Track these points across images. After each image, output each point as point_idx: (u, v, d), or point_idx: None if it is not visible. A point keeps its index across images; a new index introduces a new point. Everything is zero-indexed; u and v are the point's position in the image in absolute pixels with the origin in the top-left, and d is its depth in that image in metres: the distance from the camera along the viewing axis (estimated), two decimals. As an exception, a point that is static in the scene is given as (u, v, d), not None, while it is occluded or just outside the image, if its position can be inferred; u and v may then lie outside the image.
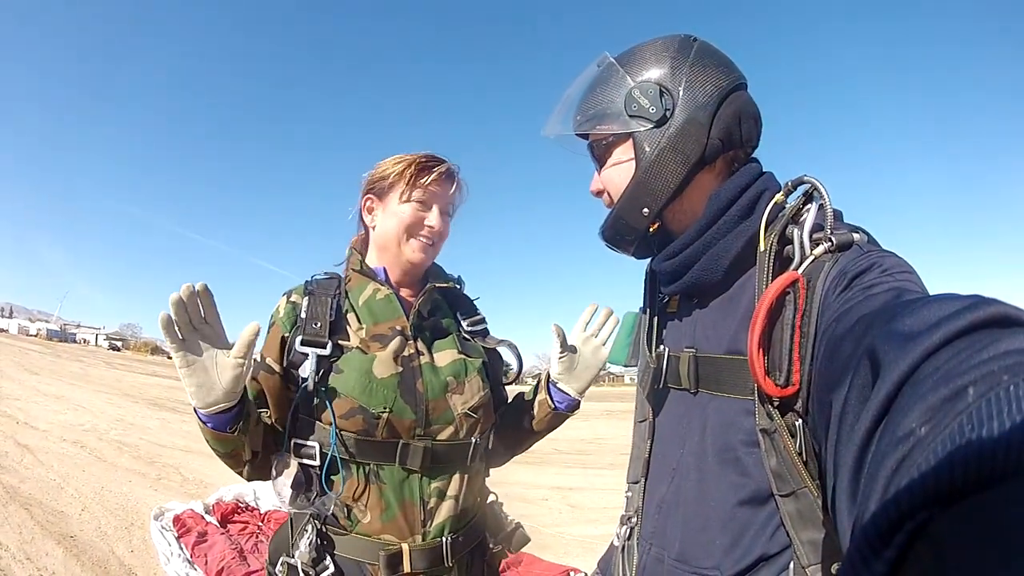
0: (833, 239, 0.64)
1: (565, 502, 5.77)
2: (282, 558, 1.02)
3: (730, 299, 0.76)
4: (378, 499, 1.01)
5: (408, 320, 1.10)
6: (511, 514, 1.23)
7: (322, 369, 1.02)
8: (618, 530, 0.88)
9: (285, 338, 1.06)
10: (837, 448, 0.38)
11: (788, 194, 0.73)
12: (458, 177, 1.17)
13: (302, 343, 1.03)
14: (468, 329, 1.19)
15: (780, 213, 0.72)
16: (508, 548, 1.18)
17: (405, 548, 1.00)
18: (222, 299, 0.94)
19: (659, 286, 0.89)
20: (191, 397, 0.92)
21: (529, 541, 1.22)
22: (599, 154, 0.83)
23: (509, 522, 1.20)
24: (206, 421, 0.94)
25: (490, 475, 1.23)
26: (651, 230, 0.80)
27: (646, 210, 0.77)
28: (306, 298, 1.08)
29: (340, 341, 1.05)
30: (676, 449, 0.80)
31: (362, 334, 1.07)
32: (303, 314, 1.06)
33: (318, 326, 1.04)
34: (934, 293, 0.48)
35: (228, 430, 0.95)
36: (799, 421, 0.64)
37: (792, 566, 0.64)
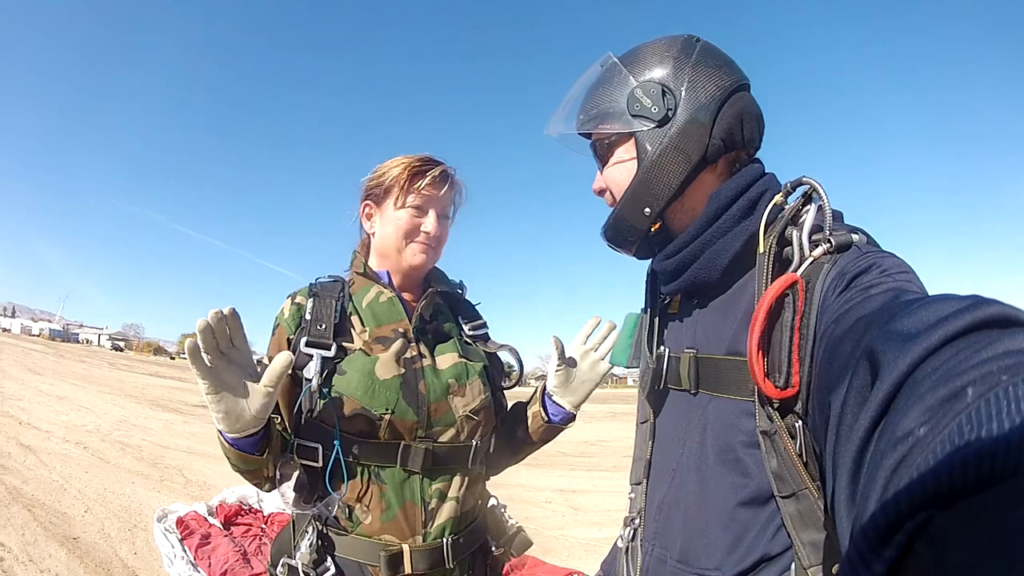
0: (832, 240, 0.64)
1: (568, 504, 5.76)
2: (283, 559, 1.02)
3: (730, 300, 0.76)
4: (379, 500, 1.01)
5: (410, 323, 1.10)
6: (514, 517, 1.22)
7: (326, 370, 1.02)
8: (621, 532, 0.88)
9: (290, 340, 1.07)
10: (836, 449, 0.38)
11: (787, 195, 0.73)
12: (453, 179, 1.17)
13: (307, 344, 1.03)
14: (470, 333, 1.20)
15: (779, 214, 0.71)
16: (510, 551, 1.18)
17: (406, 549, 1.00)
18: (224, 299, 0.95)
19: (660, 286, 0.89)
20: (218, 423, 0.90)
21: (531, 545, 1.22)
22: (602, 153, 0.83)
23: (511, 526, 1.20)
24: (232, 444, 0.94)
25: (489, 479, 1.23)
26: (653, 230, 0.80)
27: (647, 210, 0.77)
28: (311, 300, 1.09)
29: (344, 343, 1.06)
30: (676, 450, 0.79)
31: (365, 336, 1.08)
32: (308, 316, 1.07)
33: (323, 328, 1.05)
34: (933, 293, 0.48)
35: (255, 452, 0.95)
36: (799, 422, 0.64)
37: (793, 567, 0.64)
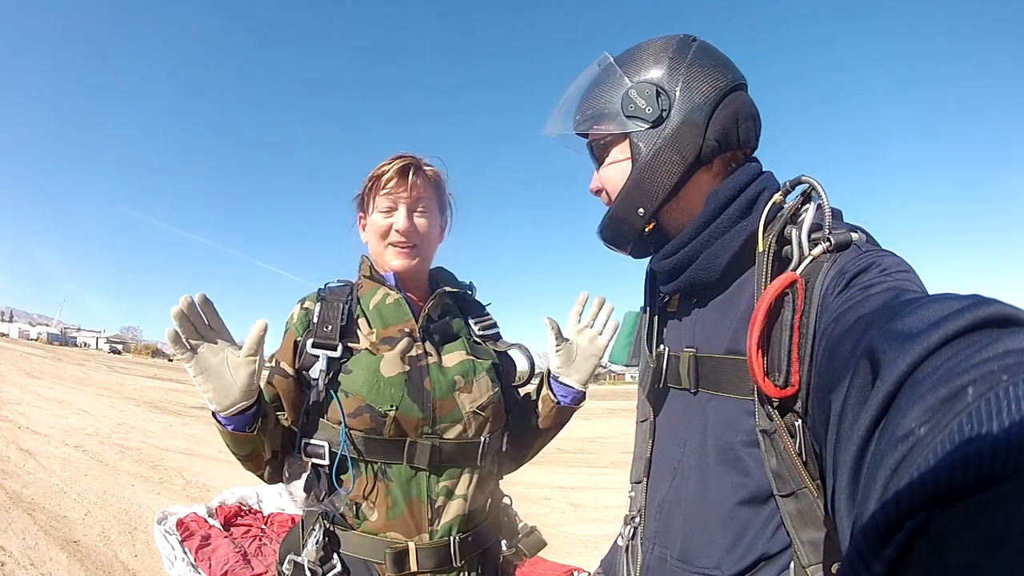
0: (831, 239, 0.64)
1: (567, 501, 5.76)
2: (289, 556, 1.02)
3: (729, 299, 0.76)
4: (385, 496, 1.02)
5: (417, 323, 1.11)
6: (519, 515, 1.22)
7: (332, 370, 1.04)
8: (622, 530, 0.88)
9: (298, 342, 1.08)
10: (836, 448, 0.38)
11: (786, 194, 0.73)
12: (420, 168, 1.13)
13: (313, 345, 1.05)
14: (479, 333, 1.20)
15: (778, 213, 0.71)
16: (523, 552, 1.17)
17: (411, 547, 1.00)
18: (225, 302, 0.96)
19: (659, 285, 0.89)
20: (209, 402, 0.94)
21: (545, 545, 1.20)
22: (597, 153, 0.83)
23: (524, 526, 1.20)
24: (226, 424, 0.97)
25: (502, 478, 1.22)
26: (647, 230, 0.80)
27: (641, 210, 0.77)
28: (319, 304, 1.10)
29: (350, 344, 1.07)
30: (677, 449, 0.80)
31: (372, 338, 1.09)
32: (315, 319, 1.08)
33: (329, 329, 1.06)
34: (933, 293, 0.48)
35: (248, 430, 0.97)
36: (799, 421, 0.64)
37: (793, 566, 0.64)
